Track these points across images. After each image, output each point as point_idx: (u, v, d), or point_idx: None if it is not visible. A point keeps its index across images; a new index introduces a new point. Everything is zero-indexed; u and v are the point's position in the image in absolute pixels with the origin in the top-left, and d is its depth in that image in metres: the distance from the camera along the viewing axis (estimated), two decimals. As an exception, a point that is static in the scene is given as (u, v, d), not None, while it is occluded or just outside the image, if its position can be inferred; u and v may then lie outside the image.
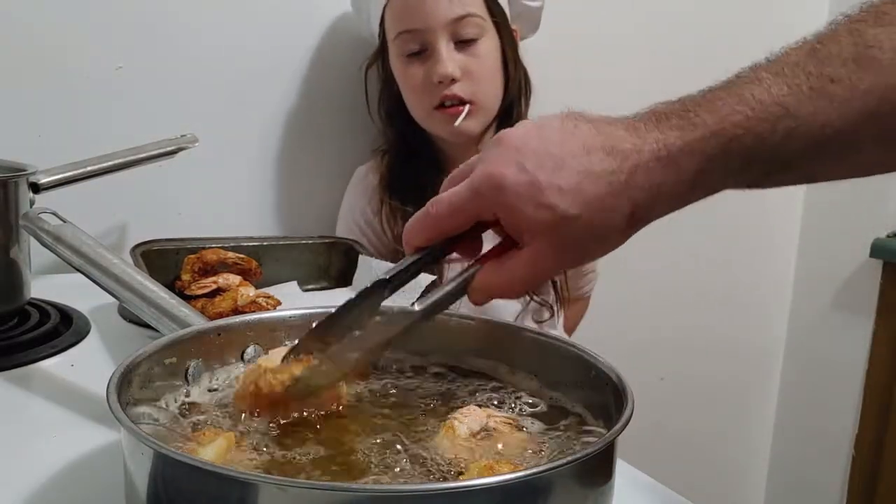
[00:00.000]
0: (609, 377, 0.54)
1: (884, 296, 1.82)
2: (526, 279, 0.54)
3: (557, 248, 0.53)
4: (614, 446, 0.47)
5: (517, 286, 0.55)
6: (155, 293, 0.65)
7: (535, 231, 0.52)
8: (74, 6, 1.15)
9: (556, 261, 0.54)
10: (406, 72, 1.21)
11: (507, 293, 0.56)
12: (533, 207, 0.51)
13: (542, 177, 0.51)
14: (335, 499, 0.40)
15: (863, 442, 1.87)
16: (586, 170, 0.52)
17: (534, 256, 0.53)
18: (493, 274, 0.55)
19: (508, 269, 0.54)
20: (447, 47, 1.17)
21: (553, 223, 0.51)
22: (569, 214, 0.51)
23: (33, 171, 0.92)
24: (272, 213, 1.32)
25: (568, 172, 0.51)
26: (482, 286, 0.55)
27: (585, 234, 0.52)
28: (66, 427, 0.66)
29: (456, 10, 1.16)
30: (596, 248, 0.54)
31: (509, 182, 0.52)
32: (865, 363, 1.85)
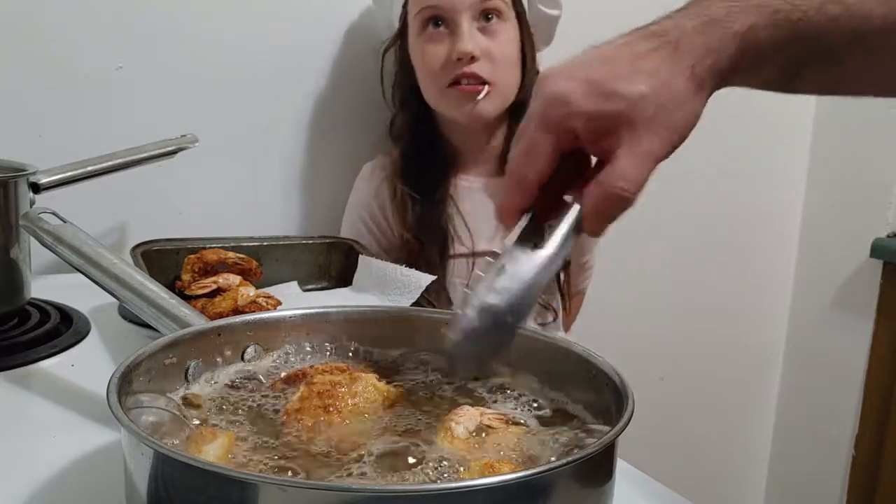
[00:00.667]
0: (609, 377, 0.54)
1: (884, 296, 1.82)
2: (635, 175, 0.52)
3: (644, 131, 0.51)
4: (614, 446, 0.47)
5: (630, 186, 0.51)
6: (155, 293, 0.65)
7: (614, 125, 0.51)
8: (74, 6, 1.15)
9: (649, 143, 0.52)
10: (425, 48, 1.20)
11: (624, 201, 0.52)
12: (601, 101, 0.51)
13: (597, 74, 0.52)
14: (335, 499, 0.40)
15: (863, 442, 1.87)
16: (633, 54, 0.52)
17: (628, 147, 0.51)
18: (601, 190, 0.52)
19: (613, 177, 0.52)
20: (470, 26, 1.17)
21: (627, 108, 0.51)
22: (635, 92, 0.51)
23: (33, 171, 0.92)
24: (272, 213, 1.32)
25: (617, 62, 0.52)
26: (597, 208, 0.52)
27: (662, 110, 0.52)
28: (66, 427, 0.66)
29: None
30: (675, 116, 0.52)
31: (568, 90, 0.52)
32: (865, 363, 1.85)
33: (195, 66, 1.24)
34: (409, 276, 1.05)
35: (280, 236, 1.16)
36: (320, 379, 0.57)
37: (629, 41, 0.53)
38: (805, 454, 2.00)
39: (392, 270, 1.06)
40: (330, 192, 1.38)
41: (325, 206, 1.37)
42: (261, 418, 0.55)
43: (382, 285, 1.06)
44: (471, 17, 1.17)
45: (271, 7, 1.28)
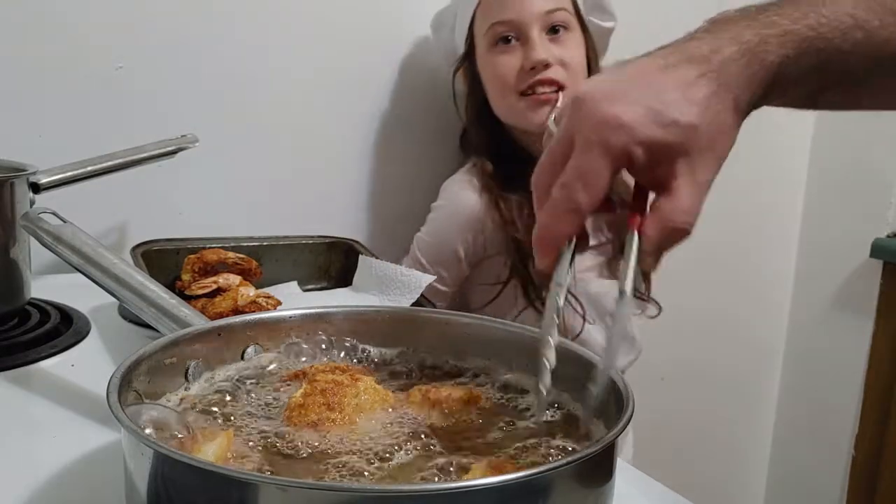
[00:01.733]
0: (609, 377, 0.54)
1: (884, 296, 1.82)
2: (693, 206, 0.52)
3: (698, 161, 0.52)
4: (614, 446, 0.47)
5: (689, 218, 0.52)
6: (155, 293, 0.65)
7: (670, 156, 0.51)
8: (74, 6, 1.15)
9: (704, 173, 0.52)
10: (497, 61, 1.24)
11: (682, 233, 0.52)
12: (662, 130, 0.51)
13: (653, 101, 0.51)
14: (335, 499, 0.40)
15: (863, 442, 1.87)
16: (683, 82, 0.52)
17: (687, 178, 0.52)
18: (662, 224, 0.52)
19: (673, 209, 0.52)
20: (540, 36, 1.21)
21: (682, 138, 0.51)
22: (690, 123, 0.51)
23: (33, 171, 0.92)
24: (272, 213, 1.32)
25: (668, 90, 0.52)
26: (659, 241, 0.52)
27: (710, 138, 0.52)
28: (66, 427, 0.66)
29: (548, 3, 1.22)
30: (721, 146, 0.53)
31: (629, 118, 0.51)
32: (865, 363, 1.85)
33: (195, 66, 1.24)
34: (409, 276, 1.05)
35: (280, 236, 1.16)
36: (323, 377, 0.57)
37: (672, 64, 0.53)
38: (805, 454, 2.00)
39: (392, 270, 1.06)
40: (330, 191, 1.38)
41: (325, 206, 1.37)
42: (261, 417, 0.55)
43: (382, 285, 1.06)
44: (540, 28, 1.21)
45: (271, 7, 1.28)
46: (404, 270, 1.06)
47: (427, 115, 1.43)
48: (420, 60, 1.40)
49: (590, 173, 0.51)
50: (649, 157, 0.51)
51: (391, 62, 1.39)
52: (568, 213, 0.52)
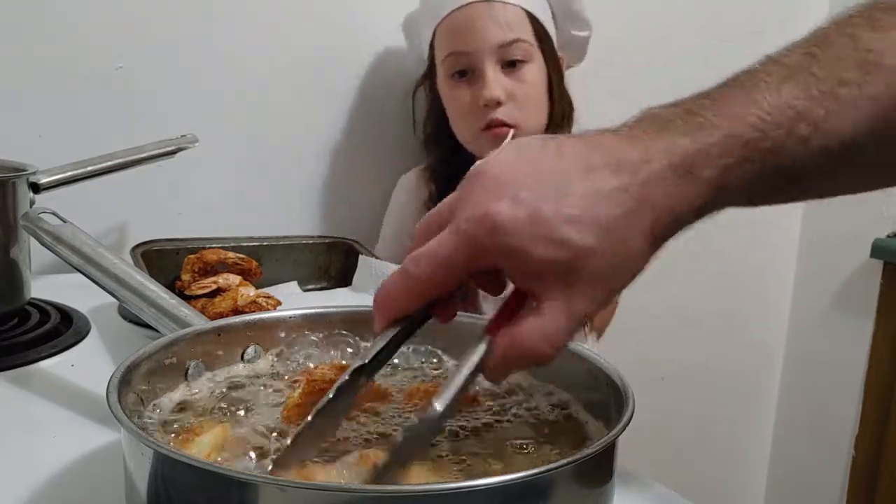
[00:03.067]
0: (609, 377, 0.54)
1: (884, 296, 1.82)
2: (556, 335, 0.45)
3: (582, 288, 0.45)
4: (614, 446, 0.47)
5: (547, 347, 0.45)
6: (155, 293, 0.65)
7: (549, 274, 0.44)
8: (74, 6, 1.15)
9: (584, 303, 0.45)
10: (452, 94, 1.22)
11: (537, 359, 0.46)
12: (542, 246, 0.44)
13: (546, 207, 0.44)
14: (335, 499, 0.40)
15: (863, 442, 1.87)
16: (594, 191, 0.45)
17: (561, 302, 0.45)
18: (518, 342, 0.45)
19: (531, 331, 0.45)
20: (494, 70, 1.17)
21: (569, 260, 0.44)
22: (585, 246, 0.44)
23: (33, 171, 0.92)
24: (272, 213, 1.32)
25: (574, 198, 0.44)
26: (502, 360, 0.46)
27: (607, 265, 0.45)
28: (66, 427, 0.66)
29: (505, 35, 1.17)
30: (621, 276, 0.46)
31: (507, 220, 0.43)
32: (865, 363, 1.85)
33: (195, 66, 1.24)
34: (409, 276, 1.05)
35: (280, 236, 1.16)
36: (321, 376, 0.57)
37: (592, 166, 0.45)
38: (805, 454, 2.00)
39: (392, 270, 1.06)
40: (330, 192, 1.38)
41: (325, 206, 1.37)
42: (260, 416, 0.55)
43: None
44: (495, 62, 1.17)
45: (270, 7, 1.28)
46: (404, 270, 1.06)
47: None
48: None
49: (443, 262, 0.45)
50: (522, 269, 0.45)
51: (392, 62, 1.39)
52: (406, 293, 0.47)
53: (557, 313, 0.45)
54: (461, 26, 1.18)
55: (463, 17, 1.18)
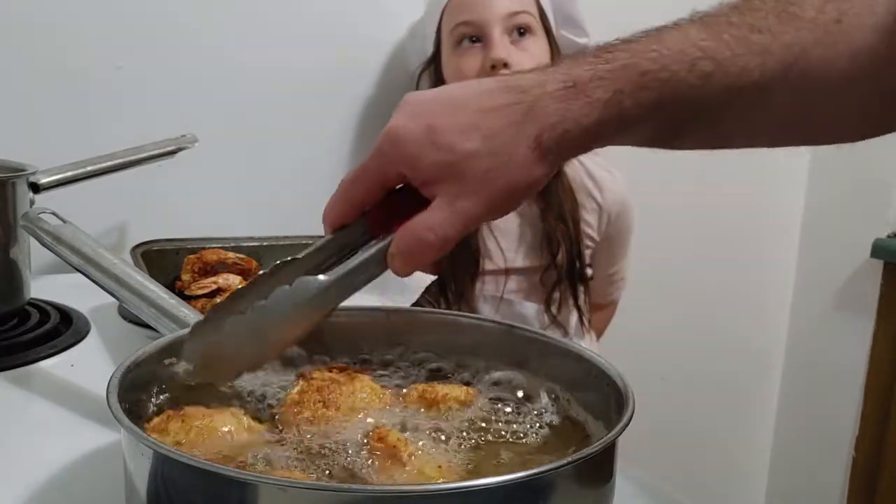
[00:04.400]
0: (610, 377, 0.54)
1: (884, 296, 1.82)
2: (440, 226, 0.51)
3: (468, 187, 0.50)
4: (615, 447, 0.47)
5: (431, 236, 0.51)
6: (155, 293, 0.65)
7: (439, 176, 0.51)
8: (74, 6, 1.15)
9: (469, 201, 0.51)
10: (458, 63, 1.27)
11: (427, 249, 0.51)
12: (431, 150, 0.50)
13: (438, 121, 0.51)
14: (335, 499, 0.40)
15: (863, 442, 1.87)
16: (484, 107, 0.51)
17: (446, 200, 0.51)
18: (408, 233, 0.52)
19: (423, 222, 0.51)
20: (501, 37, 1.23)
21: (454, 162, 0.50)
22: (467, 150, 0.50)
23: (33, 171, 0.92)
24: (272, 213, 1.32)
25: (464, 112, 0.51)
26: (399, 248, 0.52)
27: (492, 172, 0.50)
28: (66, 427, 0.66)
29: (512, 5, 1.24)
30: (507, 182, 0.51)
31: (403, 131, 0.51)
32: (866, 363, 1.85)
33: (195, 65, 1.24)
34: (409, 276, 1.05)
35: (280, 236, 1.16)
36: (319, 375, 0.57)
37: (490, 89, 0.52)
38: (805, 454, 2.00)
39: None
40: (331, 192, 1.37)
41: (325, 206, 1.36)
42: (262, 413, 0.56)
43: (382, 285, 1.05)
44: (502, 30, 1.23)
45: (270, 7, 1.28)
46: (404, 270, 1.06)
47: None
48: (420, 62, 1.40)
49: (362, 171, 0.54)
50: (418, 174, 0.51)
51: (392, 62, 1.39)
52: (340, 198, 0.56)
53: (442, 208, 0.51)
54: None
55: None
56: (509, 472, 0.48)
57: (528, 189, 0.52)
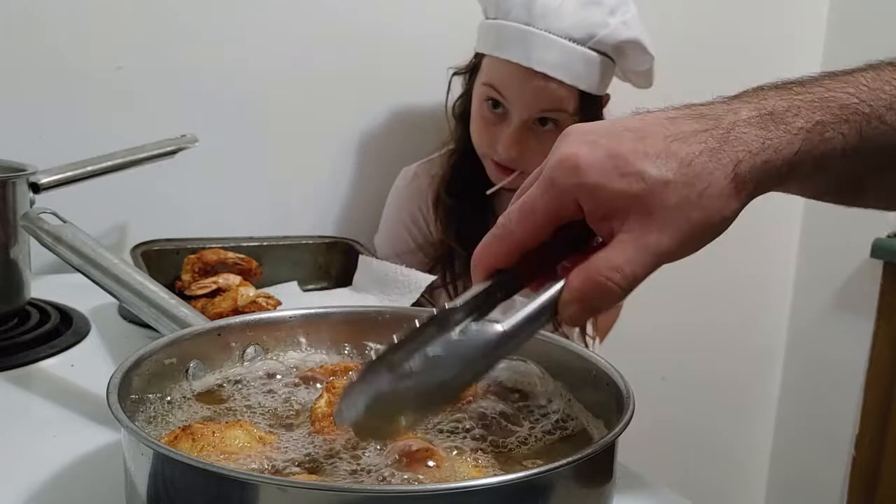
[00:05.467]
0: (610, 377, 0.54)
1: (884, 296, 1.82)
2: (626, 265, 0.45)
3: (657, 221, 0.45)
4: (614, 447, 0.47)
5: (616, 277, 0.45)
6: (155, 293, 0.65)
7: (625, 208, 0.45)
8: (74, 6, 1.15)
9: (658, 236, 0.45)
10: (481, 112, 1.20)
11: (611, 293, 0.45)
12: (617, 179, 0.44)
13: (623, 147, 0.45)
14: (335, 499, 0.40)
15: (863, 442, 1.87)
16: (674, 133, 0.46)
17: (633, 235, 0.45)
18: (588, 275, 0.45)
19: (606, 261, 0.45)
20: (520, 127, 1.15)
21: (643, 193, 0.44)
22: (659, 178, 0.44)
23: (33, 171, 0.92)
24: (272, 213, 1.32)
25: (652, 139, 0.45)
26: (579, 294, 0.45)
27: (685, 203, 0.44)
28: (66, 427, 0.66)
29: (545, 105, 1.14)
30: (701, 216, 0.45)
31: (585, 159, 0.45)
32: (866, 363, 1.85)
33: (196, 65, 1.24)
34: (409, 276, 1.05)
35: (280, 236, 1.16)
36: (339, 384, 0.56)
37: (674, 116, 0.47)
38: (805, 454, 2.00)
39: (392, 270, 1.06)
40: (331, 191, 1.38)
41: (325, 205, 1.37)
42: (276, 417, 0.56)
43: (382, 285, 1.06)
44: (527, 119, 1.14)
45: (270, 7, 1.28)
46: (404, 270, 1.06)
47: (427, 116, 1.43)
48: (421, 62, 1.40)
49: (529, 207, 0.47)
50: (600, 206, 0.46)
51: (392, 63, 1.39)
52: (497, 241, 0.48)
53: (627, 244, 0.45)
54: (511, 76, 1.13)
55: (517, 70, 1.12)
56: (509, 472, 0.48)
57: (721, 225, 0.46)
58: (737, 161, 0.45)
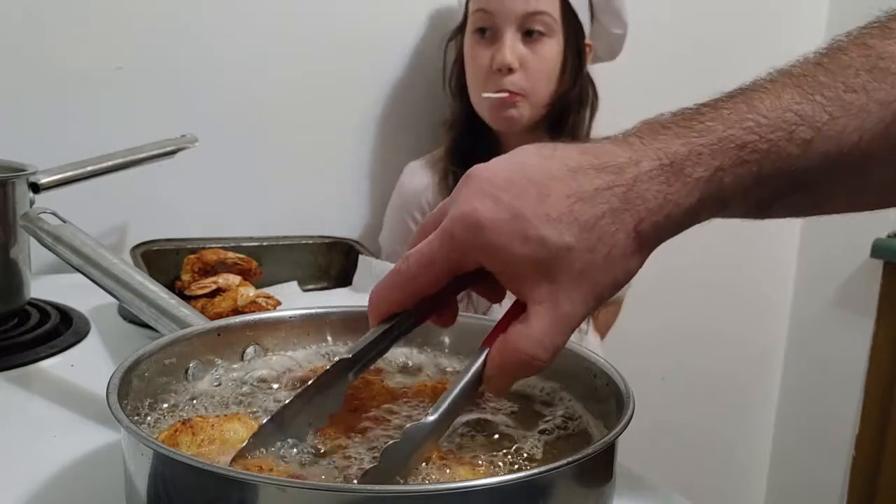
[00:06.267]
0: (610, 377, 0.54)
1: (884, 296, 1.82)
2: (545, 339, 0.45)
3: (566, 288, 0.45)
4: (614, 447, 0.47)
5: (538, 351, 0.45)
6: (155, 293, 0.65)
7: (531, 274, 0.45)
8: (74, 6, 1.15)
9: (570, 304, 0.45)
10: (473, 52, 1.27)
11: (530, 365, 0.46)
12: (520, 244, 0.44)
13: (526, 207, 0.44)
14: (335, 499, 0.40)
15: (863, 442, 1.87)
16: (577, 191, 0.45)
17: (546, 306, 0.45)
18: (510, 349, 0.46)
19: (520, 337, 0.45)
20: (513, 36, 1.22)
21: (548, 259, 0.44)
22: (562, 245, 0.44)
23: (33, 171, 0.92)
24: (272, 213, 1.32)
25: (555, 198, 0.45)
26: (502, 368, 0.46)
27: (591, 268, 0.45)
28: (66, 427, 0.66)
29: (531, 5, 1.21)
30: (606, 276, 0.46)
31: (486, 218, 0.44)
32: (866, 363, 1.85)
33: (195, 66, 1.24)
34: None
35: (280, 236, 1.16)
36: None
37: (576, 167, 0.46)
38: (805, 454, 2.00)
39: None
40: (330, 191, 1.38)
41: (325, 206, 1.37)
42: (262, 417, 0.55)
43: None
44: (515, 28, 1.22)
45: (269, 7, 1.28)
46: (404, 270, 1.06)
47: (427, 116, 1.43)
48: (420, 62, 1.41)
49: (426, 259, 0.47)
50: (503, 269, 0.46)
51: (391, 63, 1.39)
52: (394, 289, 0.49)
53: (544, 317, 0.45)
54: None
55: None
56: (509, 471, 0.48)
57: (627, 280, 0.47)
58: (638, 220, 0.45)
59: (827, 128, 0.46)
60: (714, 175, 0.46)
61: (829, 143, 0.46)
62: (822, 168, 0.47)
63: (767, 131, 0.46)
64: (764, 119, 0.46)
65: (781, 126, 0.46)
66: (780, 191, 0.48)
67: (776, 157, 0.46)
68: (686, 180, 0.45)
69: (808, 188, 0.48)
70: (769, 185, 0.47)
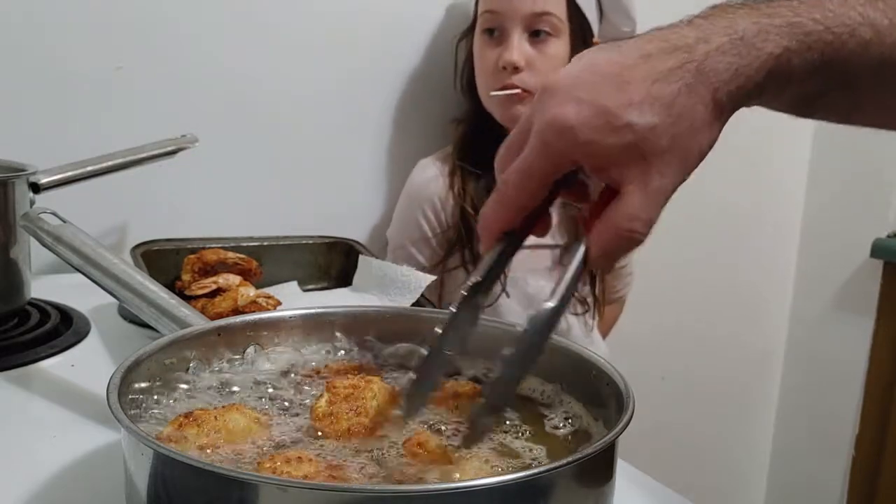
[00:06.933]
0: (610, 377, 0.54)
1: (884, 296, 1.82)
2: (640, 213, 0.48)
3: (655, 165, 0.48)
4: (614, 447, 0.47)
5: (635, 225, 0.48)
6: (155, 293, 0.65)
7: (622, 160, 0.48)
8: (74, 6, 1.15)
9: (659, 178, 0.48)
10: (481, 51, 1.28)
11: (631, 239, 0.49)
12: (609, 134, 0.47)
13: (607, 100, 0.48)
14: (335, 499, 0.40)
15: (863, 442, 1.87)
16: (652, 73, 0.48)
17: (638, 184, 0.48)
18: (609, 228, 0.49)
19: (616, 215, 0.48)
20: (519, 36, 1.24)
21: (636, 142, 0.47)
22: (648, 125, 0.47)
23: (33, 171, 0.92)
24: (272, 213, 1.32)
25: (634, 84, 0.48)
26: (604, 248, 0.49)
27: (676, 142, 0.48)
28: (66, 427, 0.66)
29: (537, 6, 1.23)
30: (690, 147, 0.49)
31: (574, 119, 0.48)
32: (866, 363, 1.85)
33: (195, 66, 1.24)
34: (409, 276, 1.05)
35: (280, 236, 1.16)
36: (341, 383, 0.56)
37: (648, 54, 0.49)
38: (805, 454, 2.00)
39: (392, 270, 1.06)
40: (331, 191, 1.38)
41: (325, 205, 1.36)
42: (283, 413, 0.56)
43: (382, 285, 1.06)
44: (522, 29, 1.23)
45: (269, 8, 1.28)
46: (404, 270, 1.06)
47: (427, 115, 1.43)
48: (420, 62, 1.41)
49: (526, 172, 0.50)
50: (597, 161, 0.49)
51: (391, 63, 1.39)
52: (502, 208, 0.52)
53: (636, 194, 0.48)
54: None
55: None
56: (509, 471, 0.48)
57: (708, 147, 0.50)
58: (714, 90, 0.48)
59: (885, 32, 0.50)
60: (783, 54, 0.49)
61: (884, 48, 0.50)
62: (875, 69, 0.50)
63: (833, 24, 0.49)
64: (830, 13, 0.49)
65: (846, 22, 0.49)
66: (832, 84, 0.51)
67: (838, 49, 0.49)
68: (758, 54, 0.48)
69: (857, 87, 0.52)
70: (826, 75, 0.50)
